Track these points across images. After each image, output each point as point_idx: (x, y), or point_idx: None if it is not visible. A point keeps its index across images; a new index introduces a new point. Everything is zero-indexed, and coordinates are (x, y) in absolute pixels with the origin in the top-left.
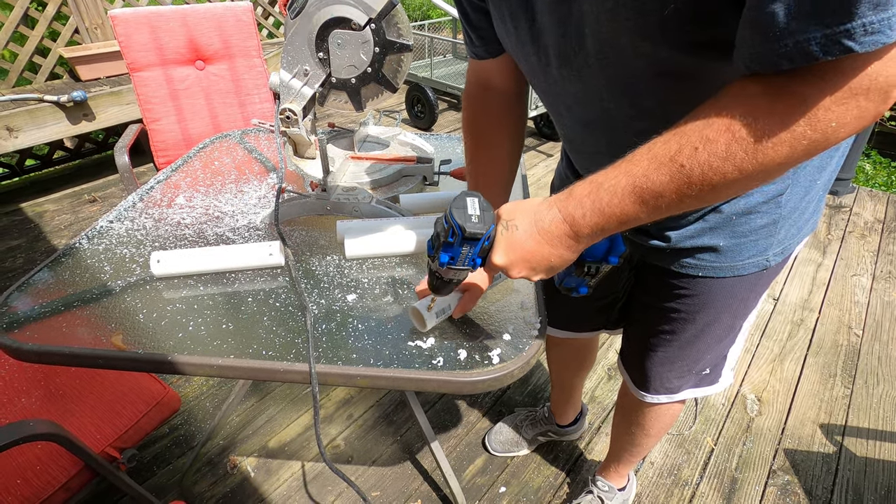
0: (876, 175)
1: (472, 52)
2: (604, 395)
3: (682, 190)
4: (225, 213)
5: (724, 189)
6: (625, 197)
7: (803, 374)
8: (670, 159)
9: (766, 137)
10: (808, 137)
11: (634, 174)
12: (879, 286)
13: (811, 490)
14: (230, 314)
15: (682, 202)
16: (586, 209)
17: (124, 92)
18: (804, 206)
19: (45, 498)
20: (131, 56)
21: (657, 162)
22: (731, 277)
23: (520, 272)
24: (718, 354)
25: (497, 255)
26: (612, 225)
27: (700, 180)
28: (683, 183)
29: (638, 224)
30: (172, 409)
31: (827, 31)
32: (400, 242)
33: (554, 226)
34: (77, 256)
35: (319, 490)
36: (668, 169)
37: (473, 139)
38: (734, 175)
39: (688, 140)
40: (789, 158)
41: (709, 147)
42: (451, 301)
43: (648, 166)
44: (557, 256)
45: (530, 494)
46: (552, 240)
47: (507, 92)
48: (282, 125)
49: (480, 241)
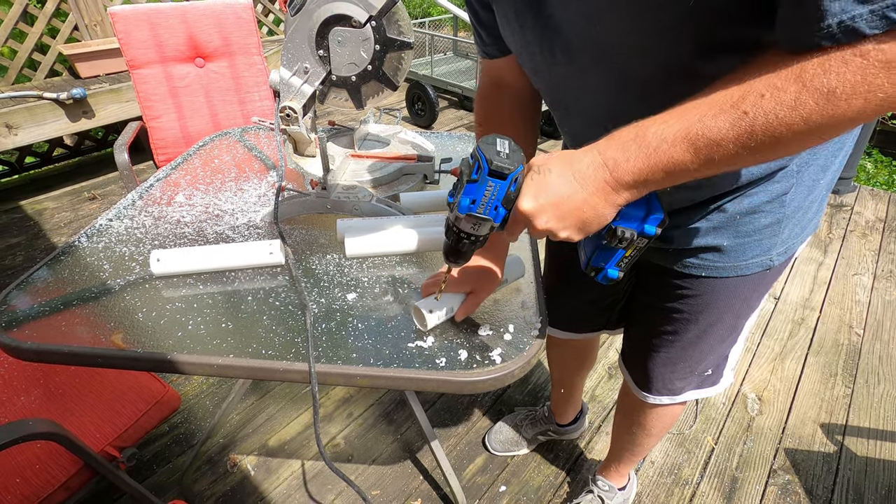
0: (877, 174)
1: (483, 52)
2: (604, 394)
3: (742, 139)
4: (225, 212)
5: (787, 143)
6: (676, 142)
7: (804, 374)
8: (732, 105)
9: (841, 88)
10: (886, 91)
11: (689, 118)
12: (880, 285)
13: (812, 489)
14: (230, 313)
15: (737, 156)
16: (630, 153)
17: (124, 89)
18: (808, 206)
19: (45, 496)
20: (131, 53)
21: (717, 107)
22: (734, 277)
23: (547, 222)
24: (720, 355)
25: (524, 200)
26: (657, 174)
27: (763, 130)
28: (745, 132)
29: (685, 178)
30: (172, 408)
31: (873, 6)
32: (400, 241)
33: (592, 169)
34: (76, 255)
35: (319, 489)
36: (729, 115)
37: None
38: (800, 127)
39: (753, 87)
40: (861, 113)
41: (777, 95)
42: (453, 303)
43: (707, 111)
44: (591, 207)
45: (530, 493)
46: (588, 185)
47: (519, 90)
48: (282, 123)
49: (507, 180)
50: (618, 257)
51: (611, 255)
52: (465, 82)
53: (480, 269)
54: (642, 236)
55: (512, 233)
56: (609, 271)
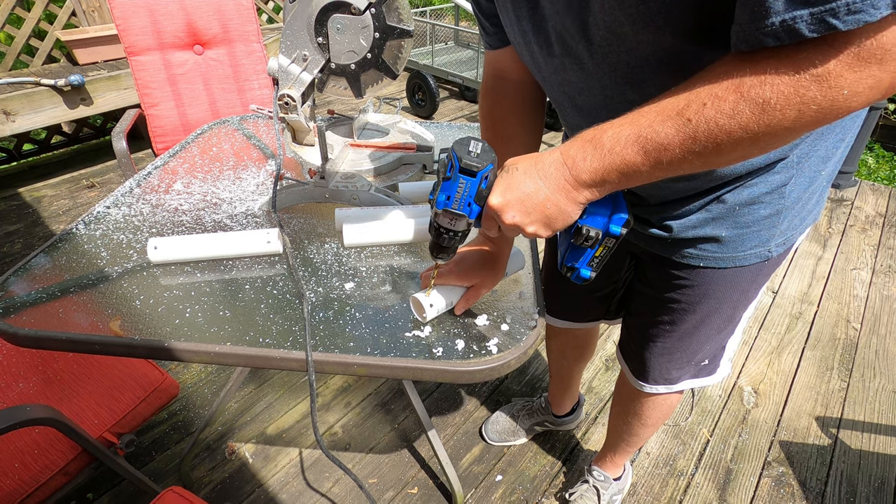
0: (878, 169)
1: (486, 43)
2: (601, 385)
3: (687, 145)
4: (223, 200)
5: (729, 150)
6: (628, 145)
7: (800, 367)
8: (677, 113)
9: (775, 99)
10: (818, 103)
11: (640, 124)
12: (879, 280)
13: (805, 482)
14: (227, 301)
15: (685, 160)
16: (588, 153)
17: (122, 76)
18: (808, 197)
19: (44, 482)
20: (129, 40)
21: (664, 114)
22: (732, 268)
23: (513, 217)
24: (718, 345)
25: (493, 196)
26: (612, 175)
27: (705, 137)
28: (689, 137)
29: (640, 179)
30: (171, 395)
31: (813, 9)
32: (399, 231)
33: (554, 168)
34: (74, 242)
35: (317, 476)
36: (674, 122)
37: (491, 131)
38: (739, 134)
39: (696, 96)
40: (797, 123)
41: (717, 104)
42: (454, 296)
43: (655, 118)
44: (554, 203)
45: (526, 483)
46: (551, 183)
47: (523, 82)
48: (280, 111)
49: (477, 178)
50: (588, 257)
51: (581, 254)
52: (466, 72)
53: (484, 263)
54: (608, 236)
55: (487, 228)
56: (581, 271)
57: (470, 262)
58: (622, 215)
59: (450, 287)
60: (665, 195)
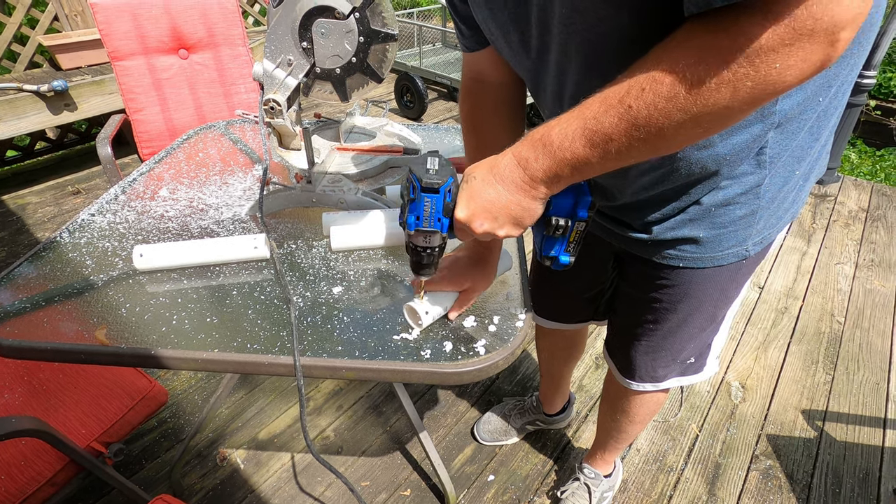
0: (861, 164)
1: (463, 45)
2: (591, 383)
3: (631, 132)
4: (209, 206)
5: (673, 134)
6: (575, 139)
7: (787, 362)
8: (619, 101)
9: (709, 78)
10: (751, 79)
11: (585, 117)
12: (862, 274)
13: (792, 474)
14: (214, 308)
15: (631, 147)
16: (538, 151)
17: (106, 81)
18: (783, 197)
19: (31, 493)
20: (113, 44)
21: (607, 104)
22: (711, 268)
23: (482, 224)
24: (702, 343)
25: (458, 209)
26: (564, 169)
27: (646, 121)
28: (631, 125)
29: (593, 171)
30: (159, 403)
31: None
32: (386, 234)
33: (508, 170)
34: (58, 250)
35: (309, 480)
36: (616, 111)
37: (472, 134)
38: (679, 117)
39: (636, 81)
40: (733, 101)
41: (654, 87)
42: (446, 302)
43: (598, 108)
44: (516, 204)
45: (518, 482)
46: (509, 185)
47: (501, 83)
48: (266, 116)
49: (441, 193)
50: (563, 244)
51: (555, 242)
52: (454, 73)
53: (474, 266)
54: (577, 221)
55: (461, 237)
56: (561, 258)
57: (461, 266)
58: (586, 198)
59: (442, 292)
60: (634, 190)
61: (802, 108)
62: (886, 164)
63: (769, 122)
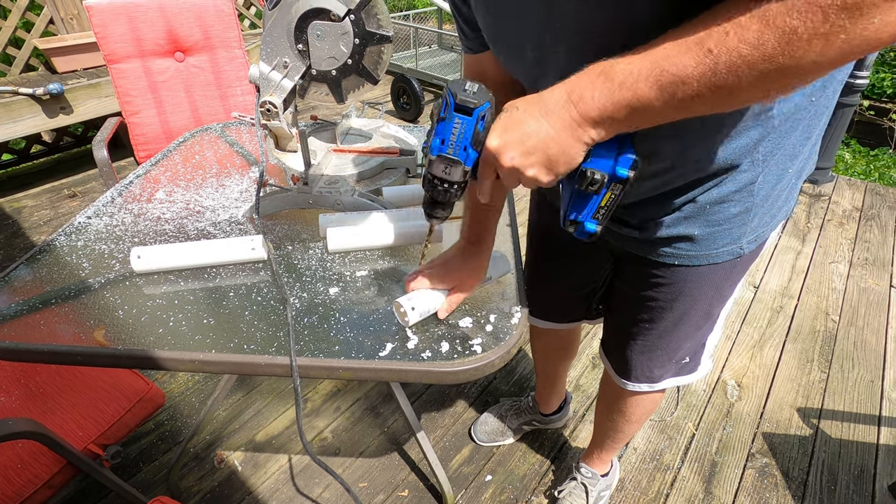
0: (855, 164)
1: (466, 47)
2: (588, 383)
3: (706, 77)
4: (206, 208)
5: (748, 85)
6: (640, 78)
7: (782, 360)
8: (697, 43)
9: (802, 28)
10: (847, 31)
11: (655, 56)
12: (856, 273)
13: (788, 472)
14: (211, 309)
15: (700, 96)
16: (596, 88)
17: (102, 84)
18: (777, 194)
19: (28, 496)
20: (108, 47)
21: (683, 45)
22: (706, 265)
23: (512, 159)
24: (697, 342)
25: (491, 137)
26: (621, 111)
27: (726, 69)
28: (709, 69)
29: (650, 117)
30: (157, 405)
31: None
32: (383, 235)
33: (558, 106)
34: (55, 253)
35: (307, 482)
36: (694, 53)
37: None
38: (762, 66)
39: (718, 24)
40: (822, 56)
41: (740, 32)
42: (436, 300)
43: (672, 49)
44: (556, 143)
45: (516, 482)
46: (554, 121)
47: (503, 86)
48: (262, 118)
49: (473, 117)
50: (593, 207)
51: (586, 203)
52: (450, 75)
53: (465, 264)
54: (614, 180)
55: (483, 177)
56: (586, 224)
57: (452, 264)
58: (629, 156)
59: (431, 291)
60: (637, 192)
61: (798, 108)
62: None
63: (768, 126)
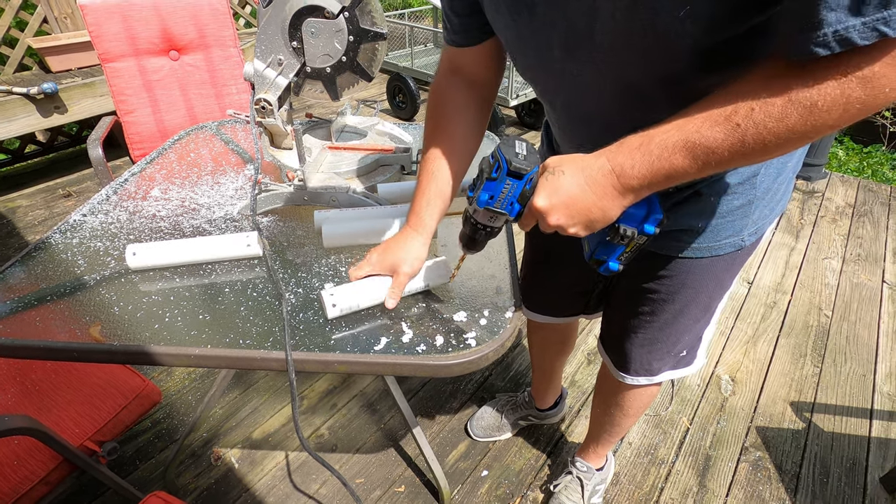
0: (848, 161)
1: (450, 40)
2: (583, 379)
3: (735, 147)
4: (201, 205)
5: (774, 149)
6: (676, 151)
7: (775, 355)
8: (726, 118)
9: (822, 101)
10: (862, 101)
11: (688, 129)
12: (849, 268)
13: (781, 465)
14: (207, 305)
15: (731, 159)
16: (636, 160)
17: (97, 83)
18: (776, 188)
19: (24, 492)
20: (103, 46)
21: (712, 120)
22: (708, 258)
23: (558, 220)
24: (695, 335)
25: (539, 198)
26: (659, 179)
27: (754, 140)
28: (738, 141)
29: (685, 180)
30: (153, 402)
31: (866, 19)
32: (378, 231)
33: (601, 175)
34: (50, 251)
35: (304, 479)
36: (723, 127)
37: (432, 127)
38: (786, 135)
39: (745, 101)
40: (840, 121)
41: (765, 108)
42: (359, 299)
43: (703, 123)
44: (599, 209)
45: (512, 477)
46: (598, 189)
47: (476, 82)
48: (257, 115)
49: (524, 180)
50: (619, 252)
51: (612, 250)
52: None
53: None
54: (642, 234)
55: (525, 225)
56: (610, 264)
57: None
58: (657, 216)
59: (371, 282)
60: None
61: None
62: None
63: None
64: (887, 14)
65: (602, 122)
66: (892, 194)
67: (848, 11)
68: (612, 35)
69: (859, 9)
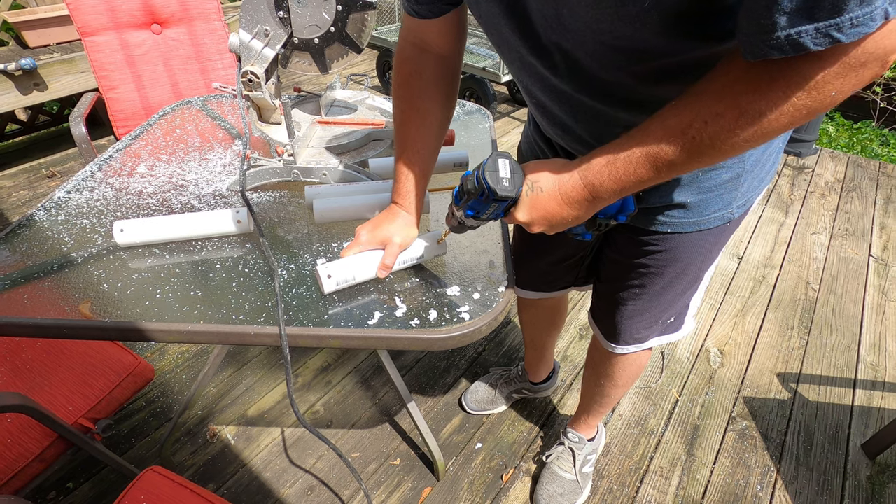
0: (838, 137)
1: (411, 10)
2: (575, 353)
3: (693, 156)
4: (189, 182)
5: (731, 152)
6: (639, 165)
7: (763, 328)
8: (682, 132)
9: (770, 110)
10: (808, 107)
11: (648, 144)
12: (836, 243)
13: (766, 433)
14: (198, 281)
15: (692, 165)
16: (604, 178)
17: (77, 59)
18: (765, 160)
19: (20, 469)
20: (81, 19)
21: (670, 134)
22: (698, 231)
23: (539, 228)
24: (683, 304)
25: (521, 213)
26: (628, 188)
27: (709, 149)
28: (694, 151)
29: (655, 184)
30: (146, 380)
31: (818, 24)
32: (369, 206)
33: (575, 191)
34: (34, 228)
35: (300, 454)
36: (680, 140)
37: (405, 103)
38: (738, 142)
39: (698, 114)
40: (790, 125)
41: (718, 121)
42: (355, 272)
43: (661, 137)
44: (575, 217)
45: (505, 449)
46: (572, 203)
47: (444, 55)
48: (244, 89)
49: (508, 201)
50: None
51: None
52: None
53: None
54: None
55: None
56: (586, 236)
57: (381, 222)
58: (630, 208)
59: (365, 255)
60: None
61: None
62: (863, 137)
63: None
64: (839, 20)
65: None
66: (881, 170)
67: (801, 15)
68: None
69: (812, 13)
